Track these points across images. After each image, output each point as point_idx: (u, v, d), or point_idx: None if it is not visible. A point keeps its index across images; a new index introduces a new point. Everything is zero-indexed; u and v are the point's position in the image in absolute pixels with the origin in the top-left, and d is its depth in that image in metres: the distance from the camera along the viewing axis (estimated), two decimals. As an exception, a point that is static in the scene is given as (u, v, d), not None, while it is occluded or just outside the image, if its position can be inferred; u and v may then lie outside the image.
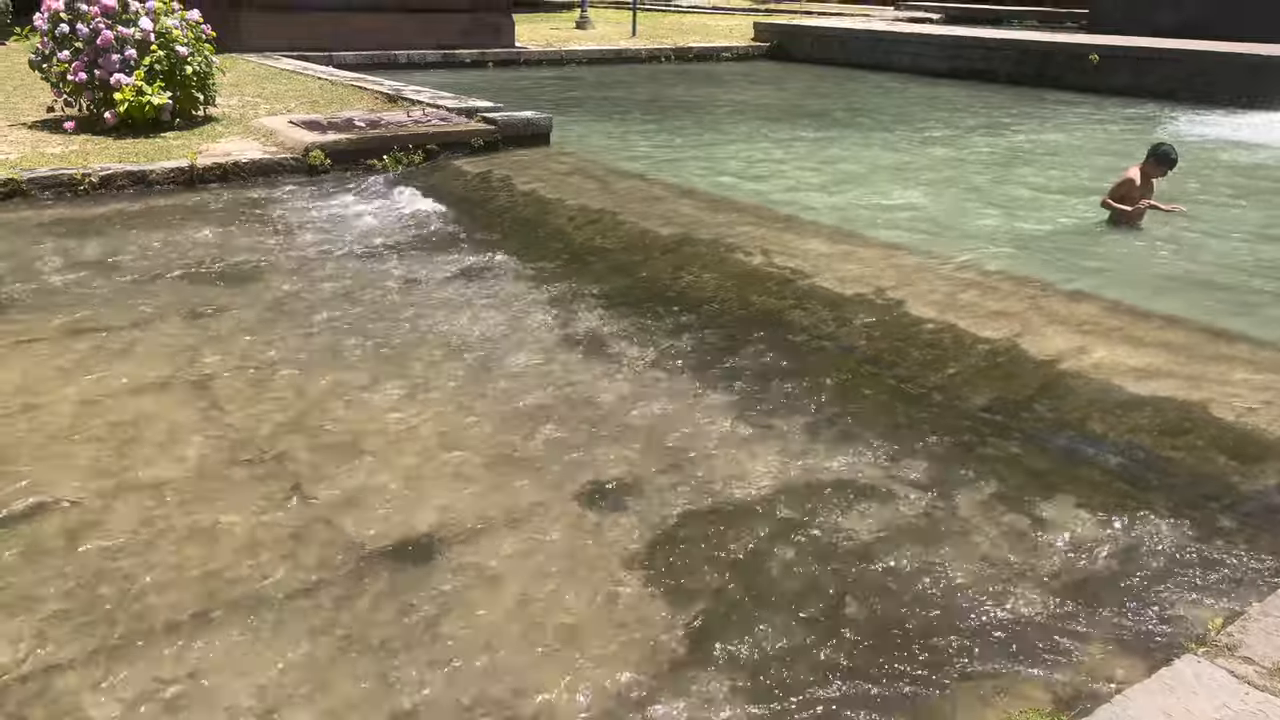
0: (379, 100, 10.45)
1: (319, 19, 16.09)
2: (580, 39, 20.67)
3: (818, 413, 4.05)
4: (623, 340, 4.84)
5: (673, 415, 4.03)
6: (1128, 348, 4.36)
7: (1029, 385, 4.15)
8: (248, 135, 8.61)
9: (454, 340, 4.80)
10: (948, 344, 4.59)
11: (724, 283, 5.58)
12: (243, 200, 7.20)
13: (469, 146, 8.67)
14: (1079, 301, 4.97)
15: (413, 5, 17.04)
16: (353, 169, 8.07)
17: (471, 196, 7.60)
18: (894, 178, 9.06)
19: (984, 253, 6.36)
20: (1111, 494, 3.38)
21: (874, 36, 18.66)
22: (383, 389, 4.23)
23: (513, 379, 4.37)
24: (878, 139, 11.10)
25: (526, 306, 5.31)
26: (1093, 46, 15.15)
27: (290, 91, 11.05)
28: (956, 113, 13.17)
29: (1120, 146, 10.80)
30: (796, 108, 13.67)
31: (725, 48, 19.82)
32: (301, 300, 5.31)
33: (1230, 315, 5.30)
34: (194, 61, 8.61)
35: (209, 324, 4.92)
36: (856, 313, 5.01)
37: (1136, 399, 3.90)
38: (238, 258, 5.99)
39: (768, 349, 4.70)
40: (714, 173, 9.06)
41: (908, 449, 3.75)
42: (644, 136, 10.98)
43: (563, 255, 6.26)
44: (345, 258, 6.09)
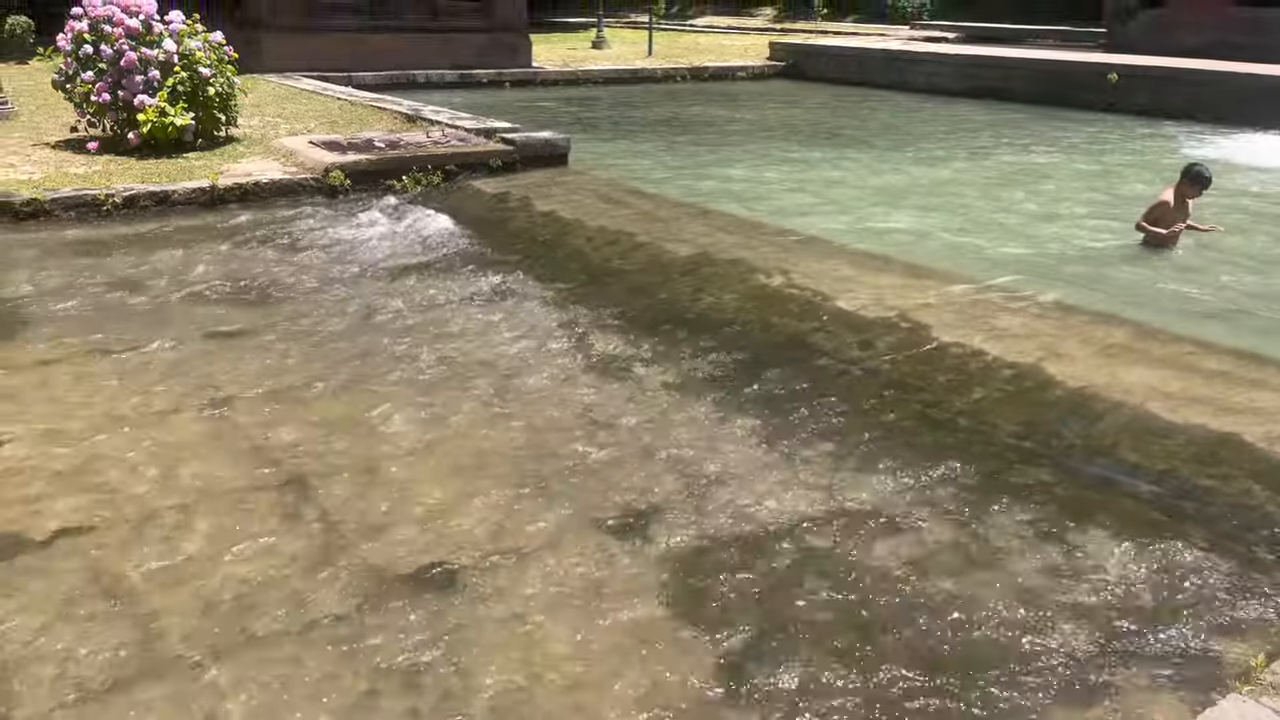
0: (398, 120, 10.50)
1: (338, 40, 16.22)
2: (596, 59, 20.76)
3: (844, 439, 4.00)
4: (644, 364, 4.81)
5: (696, 441, 3.99)
6: (1158, 372, 4.30)
7: (1058, 410, 4.09)
8: (268, 155, 8.65)
9: (474, 364, 4.78)
10: (973, 368, 4.54)
11: (744, 304, 5.55)
12: (263, 221, 7.22)
13: (488, 167, 8.69)
14: (1107, 324, 4.91)
15: (430, 26, 17.17)
16: (372, 189, 8.08)
17: (490, 217, 7.60)
18: (914, 198, 9.02)
19: (1008, 275, 6.30)
20: (1146, 524, 3.31)
21: (889, 56, 18.66)
22: (404, 412, 4.20)
23: (533, 403, 4.34)
24: (896, 159, 11.07)
25: (546, 329, 5.28)
26: (1112, 66, 15.09)
27: (310, 112, 11.11)
28: (975, 132, 13.12)
29: (1145, 167, 10.74)
30: (813, 127, 13.67)
31: (741, 67, 19.87)
32: (321, 322, 5.30)
33: (1260, 339, 5.23)
34: (216, 83, 8.67)
35: (231, 345, 4.92)
36: (880, 335, 4.96)
37: (1169, 425, 3.83)
38: (259, 279, 6.00)
39: (791, 373, 4.66)
40: (731, 193, 9.04)
41: (936, 476, 3.69)
42: (661, 157, 10.99)
43: (581, 276, 6.24)
44: (365, 279, 6.09)
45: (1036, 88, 15.78)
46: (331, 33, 16.20)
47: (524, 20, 18.26)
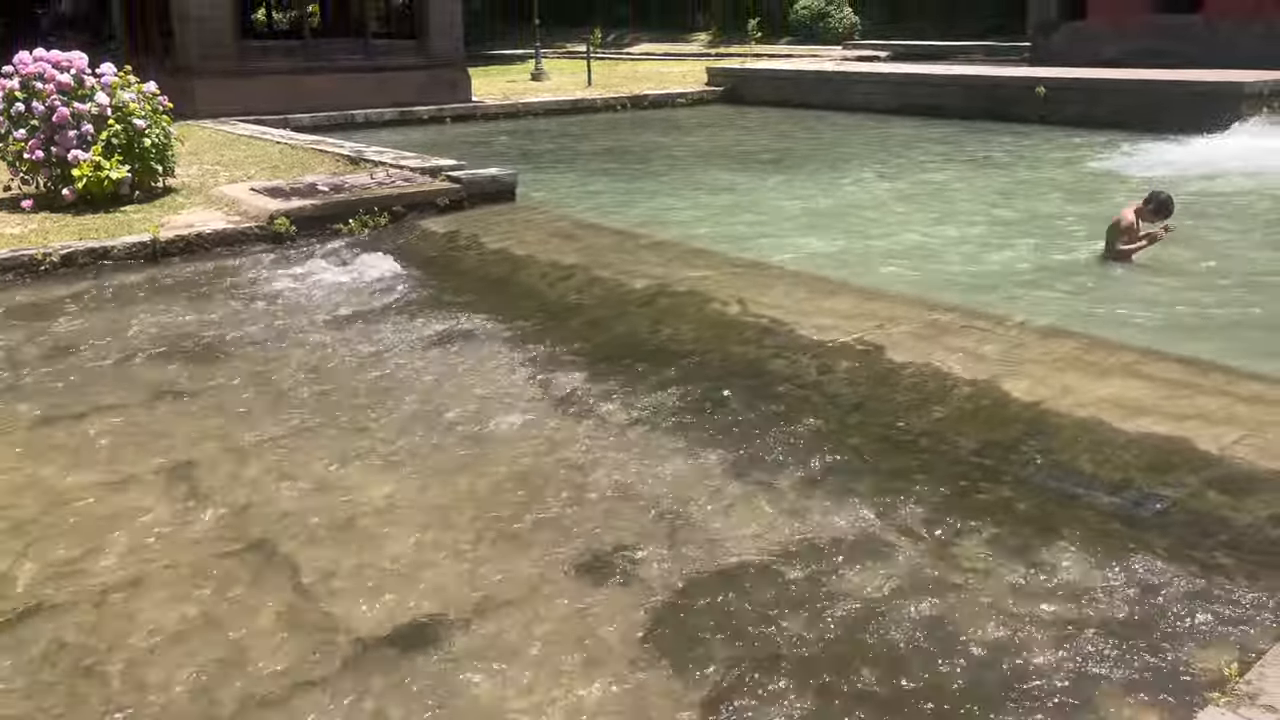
0: (341, 163, 10.43)
1: (273, 82, 16.09)
2: (537, 91, 20.85)
3: (809, 466, 4.04)
4: (606, 400, 4.80)
5: (663, 477, 4.00)
6: (1108, 383, 4.41)
7: (1016, 426, 4.16)
8: (209, 205, 8.53)
9: (433, 410, 4.74)
10: (931, 388, 4.61)
11: (703, 334, 5.58)
12: (208, 272, 7.11)
13: (435, 206, 8.66)
14: (1057, 338, 5.02)
15: (366, 65, 17.12)
16: (318, 234, 8.01)
17: (441, 258, 7.57)
18: (859, 218, 9.18)
19: (958, 292, 6.44)
20: (1109, 535, 3.38)
21: (824, 77, 19.01)
22: (366, 465, 4.15)
23: (497, 448, 4.32)
24: (840, 180, 11.25)
25: (505, 370, 5.26)
26: (1040, 79, 15.52)
27: (249, 158, 10.99)
28: (912, 151, 13.40)
29: (1081, 180, 11.04)
30: (754, 153, 13.85)
31: (680, 94, 20.08)
32: (274, 375, 5.22)
33: (1203, 344, 5.40)
34: (152, 133, 8.55)
35: (182, 406, 4.82)
36: (838, 359, 5.02)
37: (1123, 436, 3.93)
38: (207, 333, 5.90)
39: (753, 402, 4.69)
40: (680, 221, 9.13)
41: (902, 499, 3.73)
42: (608, 187, 11.06)
43: (538, 314, 6.23)
44: (316, 328, 6.02)
45: (969, 104, 16.17)
46: (266, 75, 16.08)
47: (462, 55, 18.29)
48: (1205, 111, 13.33)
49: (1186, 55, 18.17)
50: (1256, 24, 17.87)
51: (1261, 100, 13.46)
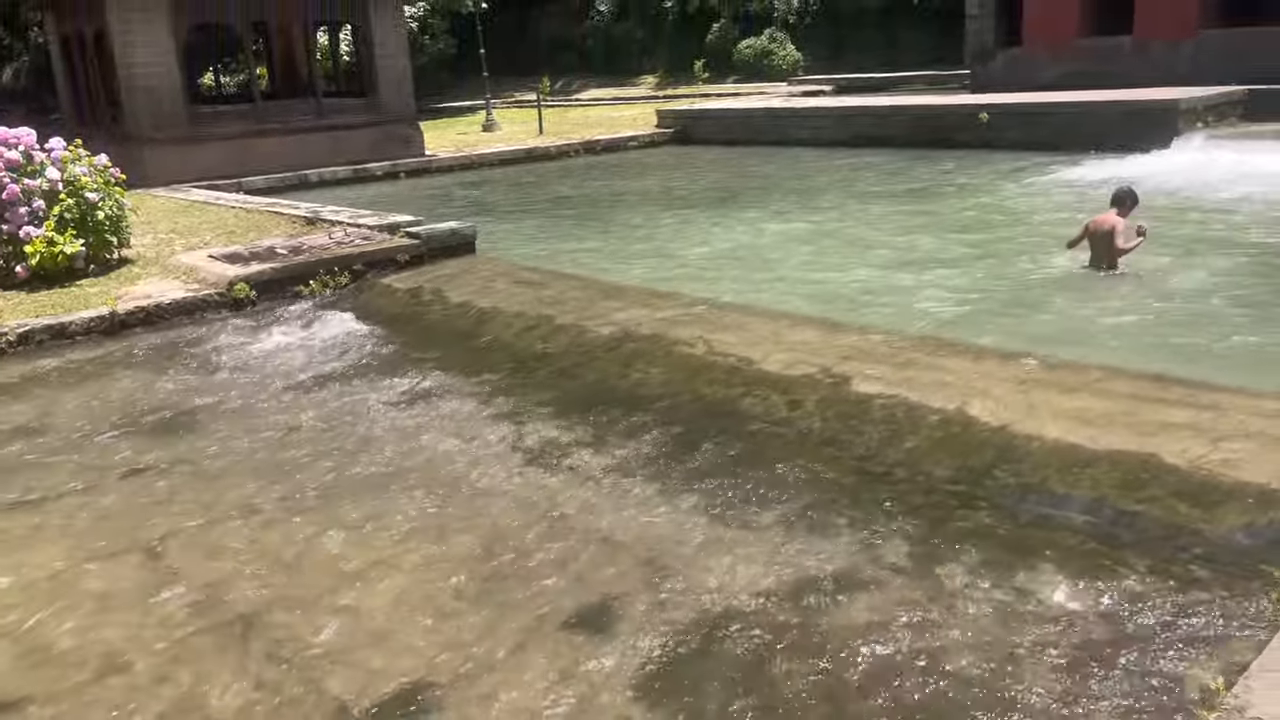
0: (298, 224, 10.39)
1: (225, 147, 16.06)
2: (489, 141, 20.98)
3: (787, 504, 4.05)
4: (580, 449, 4.80)
5: (643, 524, 3.99)
6: (1074, 402, 4.48)
7: (987, 451, 4.22)
8: (167, 274, 8.46)
9: (404, 471, 4.70)
10: (900, 417, 4.66)
11: (672, 377, 5.61)
12: (170, 343, 7.03)
13: (395, 263, 8.65)
14: (1020, 361, 5.10)
15: (319, 125, 17.15)
16: (280, 298, 7.96)
17: (404, 314, 7.55)
18: (815, 251, 9.30)
19: (918, 320, 6.53)
20: (1086, 556, 3.43)
21: (772, 114, 19.33)
22: (341, 533, 4.10)
23: (473, 505, 4.29)
24: (791, 215, 11.41)
25: (476, 425, 5.24)
26: (981, 106, 15.90)
27: (205, 224, 10.93)
28: (860, 182, 13.63)
29: (1027, 201, 11.28)
30: (708, 192, 14.01)
31: (631, 137, 20.30)
32: (242, 446, 5.16)
33: (1162, 357, 5.52)
34: (105, 206, 8.48)
35: (151, 483, 4.74)
36: (806, 394, 5.06)
37: (1093, 454, 3.99)
38: (172, 406, 5.82)
39: (726, 442, 4.71)
40: (640, 264, 9.20)
41: (882, 531, 3.76)
42: (566, 234, 11.12)
43: (506, 365, 6.23)
44: (283, 393, 5.97)
45: (914, 132, 16.51)
46: (217, 141, 16.04)
47: (413, 110, 18.38)
48: (1145, 129, 13.72)
49: (1120, 75, 18.73)
50: (1185, 43, 18.49)
51: (1197, 116, 13.89)
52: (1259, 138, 13.28)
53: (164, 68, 15.35)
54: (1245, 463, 3.73)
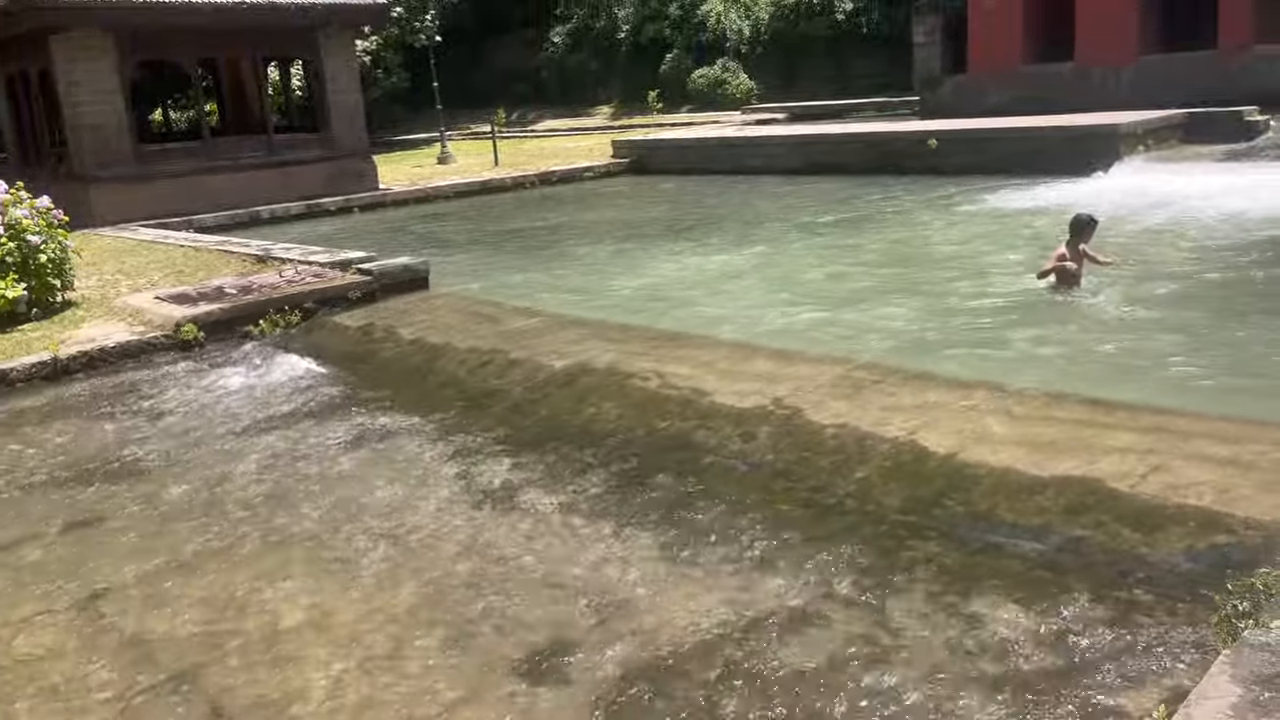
0: (248, 263, 10.28)
1: (173, 185, 15.90)
2: (444, 174, 20.96)
3: (739, 538, 4.05)
4: (533, 488, 4.76)
5: (596, 562, 3.96)
6: (1020, 429, 4.53)
7: (936, 480, 4.24)
8: (112, 317, 8.31)
9: (356, 515, 4.63)
10: (851, 448, 4.68)
11: (625, 411, 5.59)
12: (114, 388, 6.90)
13: (347, 300, 8.58)
14: (966, 389, 5.16)
15: (270, 161, 17.05)
16: (229, 338, 7.86)
17: (356, 353, 7.48)
18: (767, 282, 9.37)
19: (869, 348, 6.59)
20: (1033, 583, 3.45)
21: (726, 143, 19.52)
22: (288, 582, 4.02)
23: (424, 550, 4.23)
24: (744, 244, 11.49)
25: (428, 465, 5.19)
26: (930, 132, 16.18)
27: (152, 263, 10.77)
28: (813, 210, 13.77)
29: (980, 225, 11.46)
30: (664, 222, 14.08)
31: (587, 168, 20.39)
32: (188, 493, 5.05)
33: (1106, 382, 5.61)
34: (48, 249, 8.34)
35: (94, 534, 4.62)
36: (759, 426, 5.07)
37: (1037, 481, 4.03)
38: (116, 453, 5.70)
39: (679, 476, 4.70)
40: (595, 296, 9.20)
41: (833, 564, 3.76)
42: (521, 268, 11.10)
43: (458, 403, 6.18)
44: (230, 437, 5.87)
45: (866, 159, 16.75)
46: (166, 179, 15.88)
47: (366, 144, 18.33)
48: (1087, 154, 14.03)
49: (1064, 101, 19.18)
50: (1125, 69, 19.00)
51: (1137, 140, 14.23)
52: (1197, 159, 13.64)
53: (110, 106, 15.18)
54: (1187, 486, 3.79)
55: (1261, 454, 3.97)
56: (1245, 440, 4.13)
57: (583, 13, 38.53)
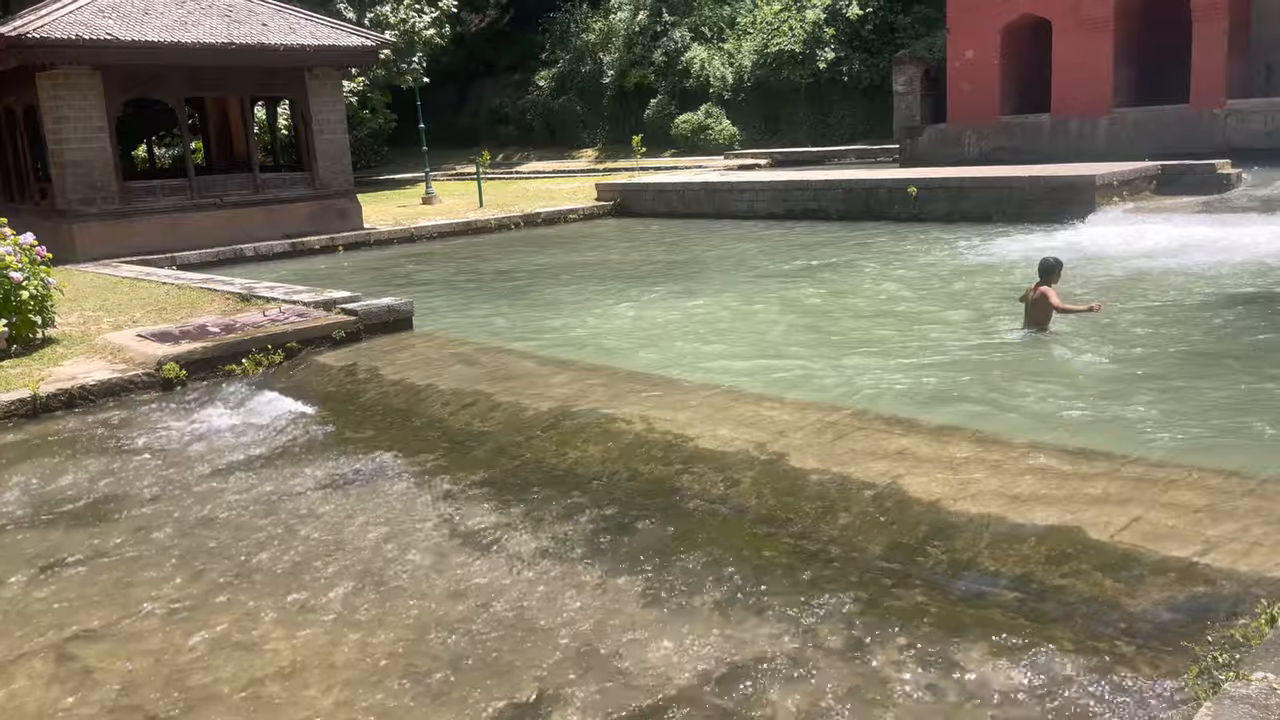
0: (231, 301, 10.26)
1: (157, 222, 15.88)
2: (429, 214, 21.03)
3: (724, 585, 4.04)
4: (517, 531, 4.75)
5: (580, 610, 3.95)
6: (1001, 477, 4.57)
7: (919, 528, 4.27)
8: (93, 354, 8.26)
9: (335, 559, 4.60)
10: (834, 494, 4.70)
11: (609, 454, 5.60)
12: (94, 426, 6.84)
13: (331, 340, 8.57)
14: (948, 436, 5.20)
15: (255, 199, 17.07)
16: (211, 377, 7.83)
17: (339, 393, 7.46)
18: (748, 327, 9.43)
19: (852, 395, 6.63)
20: (1016, 632, 3.46)
21: (709, 187, 19.71)
22: (271, 626, 3.98)
23: (406, 594, 4.20)
24: (726, 289, 11.57)
25: (411, 508, 5.16)
26: (911, 180, 16.42)
27: (134, 300, 10.73)
28: (795, 256, 13.90)
29: (963, 271, 11.60)
30: (647, 266, 14.16)
31: (571, 210, 20.52)
32: (169, 533, 5.01)
33: (1085, 430, 5.67)
34: (30, 285, 8.29)
35: (72, 576, 4.57)
36: (743, 471, 5.08)
37: (1019, 530, 4.06)
38: (95, 493, 5.64)
39: (663, 521, 4.70)
40: (578, 339, 9.22)
41: (817, 612, 3.76)
42: (505, 309, 11.13)
43: (442, 444, 6.17)
44: (211, 478, 5.82)
45: (847, 205, 16.96)
46: (149, 215, 15.86)
47: (351, 184, 18.40)
48: (1063, 204, 14.29)
49: (1042, 151, 19.59)
50: (1101, 120, 19.41)
51: (1113, 191, 14.50)
52: (1171, 211, 13.89)
53: (96, 143, 15.20)
54: (1166, 536, 3.83)
55: (1237, 505, 4.02)
56: (1221, 491, 4.19)
57: (569, 57, 39.01)
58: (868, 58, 29.61)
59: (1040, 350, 7.83)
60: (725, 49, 33.89)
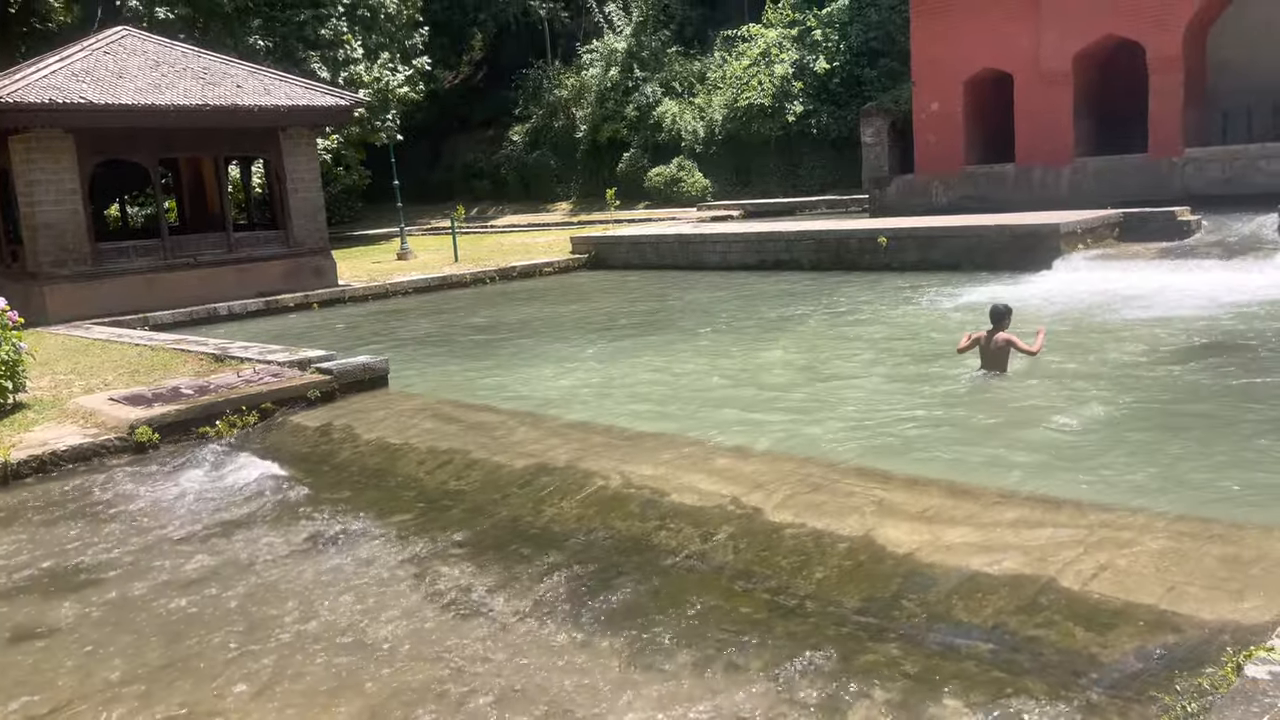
0: (205, 362, 10.22)
1: (129, 282, 15.84)
2: (404, 269, 21.08)
3: (702, 642, 4.05)
4: (493, 593, 4.74)
5: (558, 671, 3.94)
6: (971, 529, 4.63)
7: (894, 580, 4.30)
8: (65, 419, 8.20)
9: (312, 624, 4.57)
10: (810, 547, 4.73)
11: (586, 511, 5.61)
12: (65, 493, 6.77)
13: (306, 400, 8.55)
14: (921, 486, 5.26)
15: (228, 258, 17.07)
16: (184, 440, 7.78)
17: (314, 454, 7.43)
18: (724, 379, 9.49)
19: (824, 447, 6.69)
20: (990, 685, 3.50)
21: (683, 240, 19.92)
22: (237, 696, 3.94)
23: (381, 660, 4.18)
24: (699, 343, 11.66)
25: (385, 572, 5.14)
26: (881, 230, 16.68)
27: (107, 363, 10.67)
28: (768, 307, 14.04)
29: (929, 319, 11.76)
30: (619, 318, 14.24)
31: (547, 263, 20.66)
32: (141, 603, 4.95)
33: (1046, 475, 5.75)
34: (1, 351, 8.24)
35: (42, 649, 4.50)
36: (719, 525, 5.11)
37: (991, 580, 4.11)
38: (67, 562, 5.58)
39: (640, 579, 4.71)
40: (554, 394, 9.25)
41: (794, 668, 3.78)
42: (480, 365, 11.14)
43: (418, 504, 6.16)
44: (185, 543, 5.78)
45: (818, 256, 17.19)
46: (121, 276, 15.82)
47: (325, 241, 18.44)
48: (1029, 251, 14.57)
49: (1007, 199, 19.98)
50: (1064, 169, 19.85)
51: (1077, 238, 14.80)
52: (1134, 257, 14.19)
53: (68, 205, 15.20)
54: (1134, 584, 3.89)
55: (1204, 551, 4.09)
56: (1186, 537, 4.26)
57: (542, 113, 39.52)
58: (836, 110, 30.20)
59: (1004, 395, 7.94)
60: (696, 103, 34.47)
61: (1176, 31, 18.16)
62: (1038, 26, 19.78)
